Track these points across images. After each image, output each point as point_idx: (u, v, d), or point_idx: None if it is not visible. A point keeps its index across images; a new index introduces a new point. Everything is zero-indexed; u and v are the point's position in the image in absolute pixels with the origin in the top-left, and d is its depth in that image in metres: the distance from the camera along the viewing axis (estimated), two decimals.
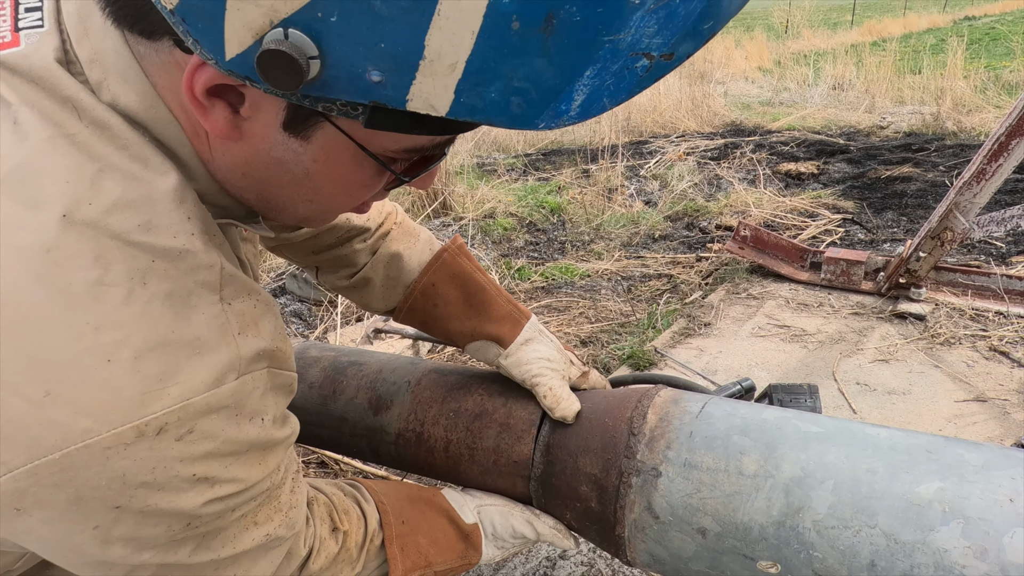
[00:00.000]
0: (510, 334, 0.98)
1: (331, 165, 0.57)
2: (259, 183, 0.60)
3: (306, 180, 0.58)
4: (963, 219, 2.26)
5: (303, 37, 0.43)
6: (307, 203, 0.62)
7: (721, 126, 6.47)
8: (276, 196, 0.61)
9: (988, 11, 18.44)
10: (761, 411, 0.86)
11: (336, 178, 0.59)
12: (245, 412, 0.58)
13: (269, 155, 0.56)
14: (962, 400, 1.97)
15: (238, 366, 0.56)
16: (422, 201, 3.94)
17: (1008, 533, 0.65)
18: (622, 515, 0.84)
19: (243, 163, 0.57)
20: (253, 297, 0.60)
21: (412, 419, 1.01)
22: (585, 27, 0.40)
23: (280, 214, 0.66)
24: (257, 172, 0.58)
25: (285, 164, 0.57)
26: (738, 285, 2.89)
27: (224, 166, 0.58)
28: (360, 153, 0.55)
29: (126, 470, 0.50)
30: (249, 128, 0.53)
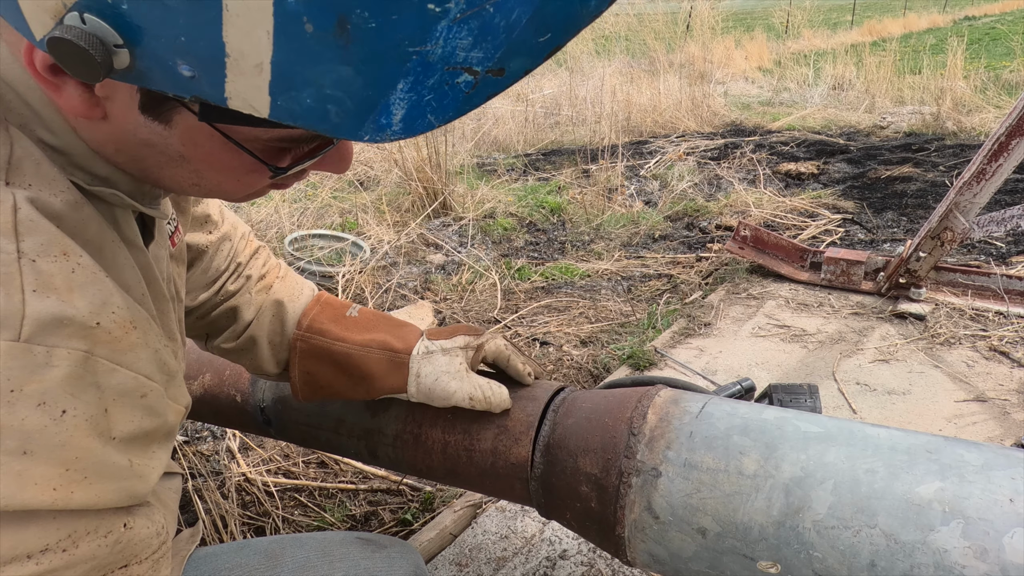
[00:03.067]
0: (400, 381, 0.92)
1: (200, 150, 0.52)
2: (135, 160, 0.54)
3: (183, 163, 0.53)
4: (963, 219, 2.26)
5: (101, 24, 0.40)
6: (194, 186, 0.57)
7: (721, 126, 6.47)
8: (158, 176, 0.56)
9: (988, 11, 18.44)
10: (761, 411, 0.86)
11: (212, 163, 0.53)
12: (25, 393, 0.43)
13: (136, 136, 0.51)
14: (962, 400, 1.97)
15: (15, 326, 0.44)
16: (422, 201, 3.94)
17: (1008, 533, 0.65)
18: (622, 515, 0.84)
19: (113, 140, 0.52)
20: (73, 259, 0.48)
21: (410, 420, 1.01)
22: (383, 35, 0.38)
23: (178, 192, 0.60)
24: (131, 151, 0.53)
25: (155, 146, 0.52)
26: (738, 285, 2.89)
27: (94, 140, 0.53)
28: (211, 138, 0.50)
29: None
30: (110, 108, 0.49)
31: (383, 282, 3.08)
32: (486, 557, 1.50)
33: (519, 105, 6.62)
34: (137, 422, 0.51)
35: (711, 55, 8.21)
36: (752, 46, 10.54)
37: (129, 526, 0.51)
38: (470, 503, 1.64)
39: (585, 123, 6.29)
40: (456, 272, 3.22)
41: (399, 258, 3.37)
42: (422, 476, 1.06)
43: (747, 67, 9.74)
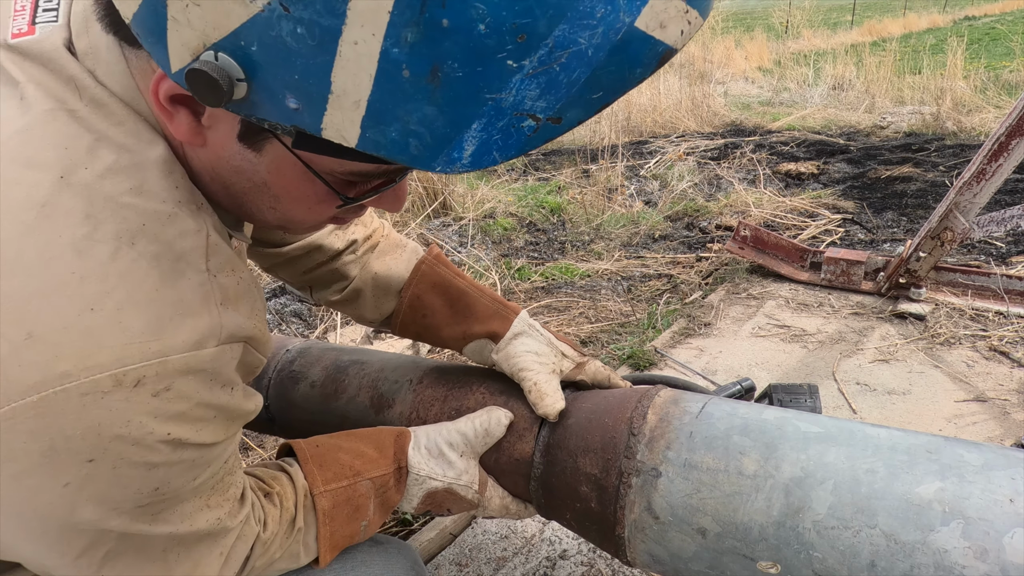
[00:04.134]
0: (500, 330, 0.99)
1: (283, 178, 0.60)
2: (225, 187, 0.63)
3: (265, 189, 0.62)
4: (963, 219, 2.26)
5: (230, 61, 0.47)
6: (271, 210, 0.65)
7: (721, 126, 6.47)
8: (242, 201, 0.64)
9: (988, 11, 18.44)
10: (761, 411, 0.86)
11: (291, 191, 0.62)
12: (219, 379, 0.59)
13: (229, 163, 0.59)
14: (962, 400, 1.97)
15: (218, 334, 0.58)
16: (422, 201, 3.94)
17: (1008, 533, 0.65)
18: (622, 515, 0.84)
19: (210, 168, 0.61)
20: (237, 274, 0.62)
21: (414, 417, 1.01)
22: (467, 82, 0.44)
23: (252, 219, 0.68)
24: (222, 178, 0.62)
25: (244, 173, 0.60)
26: (738, 285, 2.89)
27: (194, 168, 0.62)
28: (295, 168, 0.59)
29: (101, 420, 0.51)
30: (211, 136, 0.57)
31: None
32: (486, 557, 1.50)
33: None
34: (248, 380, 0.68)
35: (711, 55, 8.21)
36: (752, 46, 10.54)
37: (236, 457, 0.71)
38: None
39: (585, 123, 6.28)
40: None
41: None
42: None
43: (747, 67, 9.74)
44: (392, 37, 0.43)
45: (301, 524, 0.79)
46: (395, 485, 0.87)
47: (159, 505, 0.59)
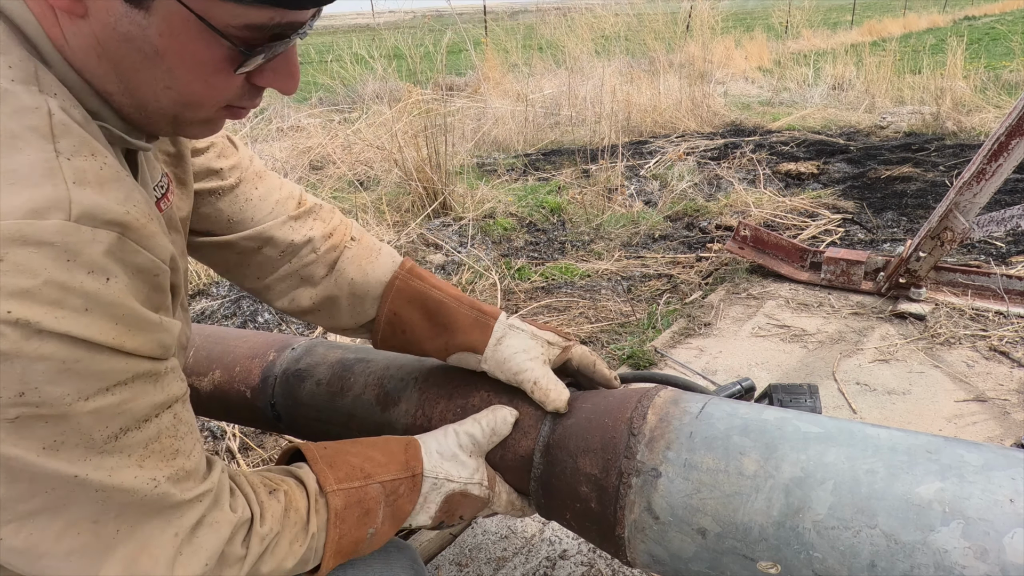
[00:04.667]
0: (481, 339, 0.97)
1: (177, 40, 0.56)
2: (115, 67, 0.58)
3: (158, 60, 0.57)
4: (963, 219, 2.26)
5: None
6: (166, 91, 0.60)
7: (721, 126, 6.47)
8: (135, 83, 0.60)
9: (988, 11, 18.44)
10: (761, 411, 0.86)
11: (186, 57, 0.58)
12: (81, 261, 0.51)
13: (116, 31, 0.55)
14: (962, 400, 1.97)
15: (66, 208, 0.51)
16: (422, 201, 3.94)
17: (1008, 533, 0.65)
18: (622, 515, 0.84)
19: (95, 43, 0.57)
20: (100, 159, 0.56)
21: (420, 415, 1.02)
22: None
23: (145, 110, 0.63)
24: (110, 53, 0.57)
25: (133, 40, 0.56)
26: (738, 285, 2.89)
27: (79, 48, 0.57)
28: (201, 31, 0.56)
29: None
30: (92, 3, 0.54)
31: None
32: (486, 557, 1.50)
33: (519, 105, 6.62)
34: (154, 294, 0.60)
35: (711, 55, 8.21)
36: (752, 46, 10.54)
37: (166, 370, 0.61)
38: None
39: (585, 123, 6.29)
40: (456, 272, 3.22)
41: None
42: None
43: (747, 67, 9.74)
44: None
45: (315, 529, 0.75)
46: (407, 493, 0.84)
47: (39, 424, 0.51)
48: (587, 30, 7.60)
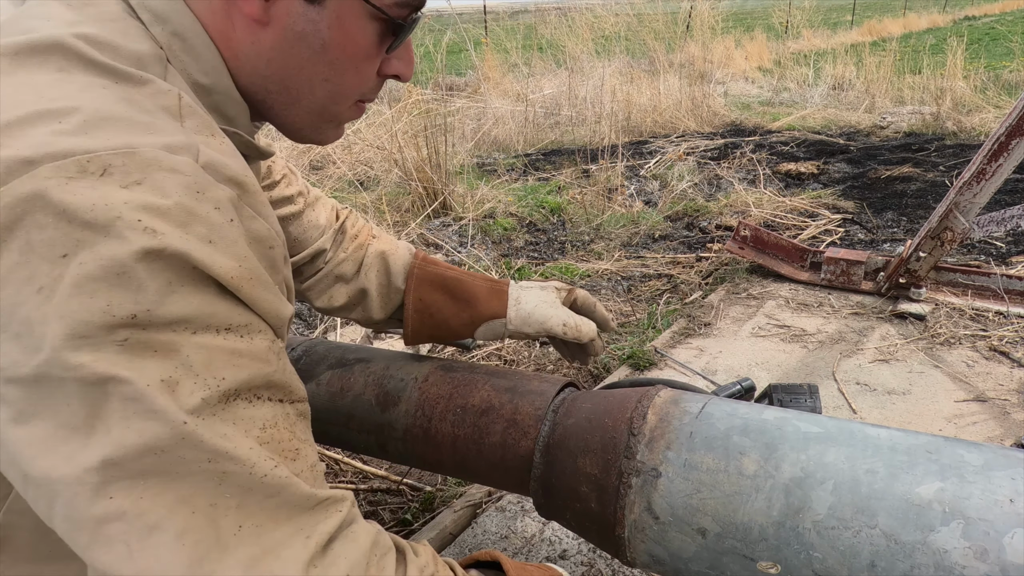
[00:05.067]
0: (501, 305, 1.07)
1: (342, 30, 0.64)
2: (283, 68, 0.66)
3: (323, 53, 0.65)
4: (963, 219, 2.26)
5: None
6: (324, 83, 0.68)
7: (721, 126, 6.46)
8: (296, 80, 0.67)
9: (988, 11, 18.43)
10: (761, 411, 0.86)
11: (347, 45, 0.65)
12: (208, 196, 0.52)
13: (292, 30, 0.63)
14: (962, 400, 1.97)
15: (195, 154, 0.54)
16: (422, 201, 3.94)
17: (1008, 533, 0.65)
18: (622, 516, 0.84)
19: (269, 48, 0.64)
20: (219, 139, 0.60)
21: (419, 415, 1.02)
22: None
23: (297, 108, 0.70)
24: (282, 55, 0.65)
25: (306, 38, 0.64)
26: (738, 285, 2.89)
27: (251, 56, 0.65)
28: (365, 16, 0.64)
29: (67, 204, 0.47)
30: (275, 10, 0.62)
31: None
32: None
33: (519, 105, 6.62)
34: (270, 270, 0.59)
35: (711, 55, 8.21)
36: (752, 46, 10.54)
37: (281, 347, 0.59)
38: (470, 503, 1.64)
39: (585, 123, 6.29)
40: None
41: None
42: (432, 470, 1.07)
43: (747, 67, 9.73)
44: None
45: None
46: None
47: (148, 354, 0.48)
48: (587, 30, 7.60)
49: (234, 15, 0.63)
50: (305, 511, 0.54)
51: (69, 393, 0.46)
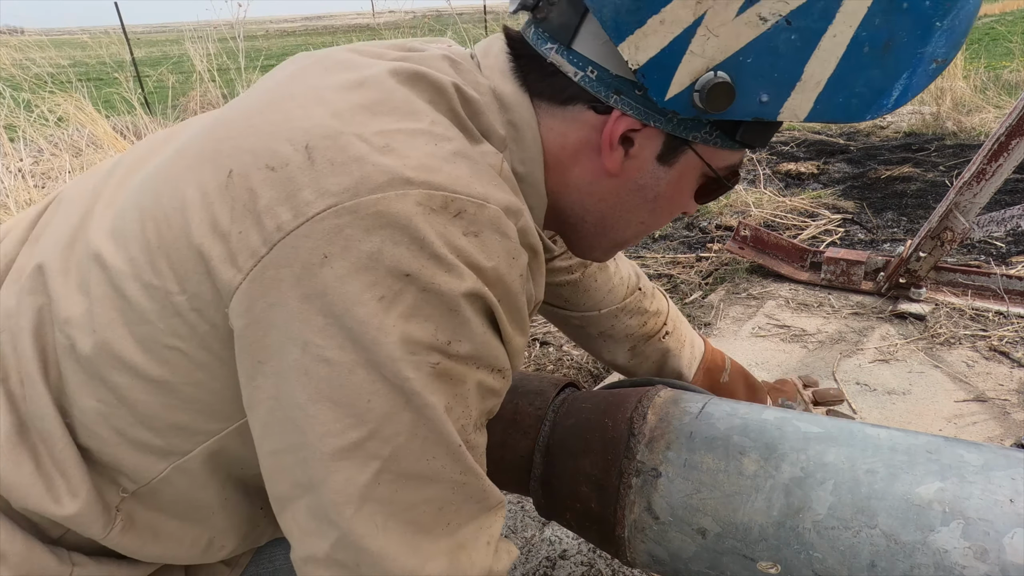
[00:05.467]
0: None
1: (677, 186, 0.71)
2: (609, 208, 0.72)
3: (653, 203, 0.72)
4: (963, 219, 2.26)
5: (724, 75, 0.58)
6: (639, 224, 0.75)
7: None
8: (614, 217, 0.74)
9: (988, 11, 18.43)
10: (761, 411, 0.86)
11: (675, 198, 0.72)
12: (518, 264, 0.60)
13: (636, 183, 0.70)
14: (962, 400, 1.97)
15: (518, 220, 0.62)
16: None
17: (1008, 533, 0.65)
18: (622, 516, 0.84)
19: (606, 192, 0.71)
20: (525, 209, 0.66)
21: None
22: (908, 45, 0.57)
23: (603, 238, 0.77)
24: (615, 199, 0.71)
25: (644, 190, 0.70)
26: (738, 285, 2.89)
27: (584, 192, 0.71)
28: (695, 174, 0.70)
29: (425, 235, 0.53)
30: (629, 165, 0.68)
31: None
32: None
33: None
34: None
35: None
36: None
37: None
38: None
39: None
40: None
41: None
42: None
43: None
44: (865, 25, 0.55)
45: None
46: None
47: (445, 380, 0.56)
48: None
49: (585, 156, 0.68)
50: (489, 510, 0.63)
51: (376, 392, 0.53)
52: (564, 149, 0.68)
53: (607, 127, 0.65)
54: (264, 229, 0.53)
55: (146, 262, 0.58)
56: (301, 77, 0.65)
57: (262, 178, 0.55)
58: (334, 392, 0.53)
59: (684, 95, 0.60)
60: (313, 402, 0.53)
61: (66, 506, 0.61)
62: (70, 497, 0.61)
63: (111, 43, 10.44)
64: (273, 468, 0.57)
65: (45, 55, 7.57)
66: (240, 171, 0.56)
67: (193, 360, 0.59)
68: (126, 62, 9.04)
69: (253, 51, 8.34)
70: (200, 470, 0.64)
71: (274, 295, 0.53)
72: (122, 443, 0.62)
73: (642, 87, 0.62)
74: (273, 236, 0.53)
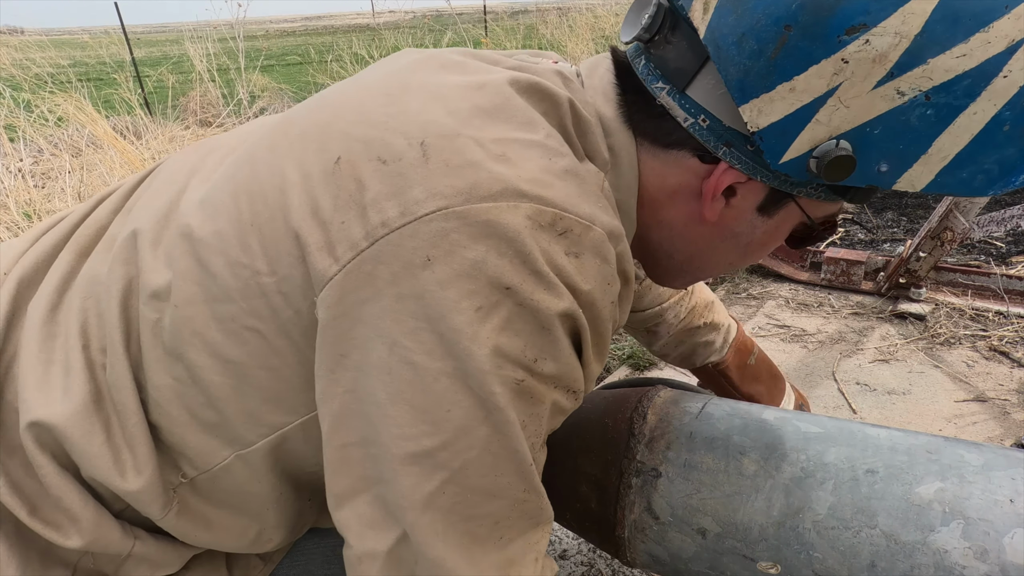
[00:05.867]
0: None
1: (773, 235, 0.68)
2: (700, 250, 0.70)
3: (745, 248, 0.69)
4: (963, 219, 2.26)
5: (846, 144, 0.55)
6: (727, 264, 0.73)
7: None
8: (703, 260, 0.72)
9: None
10: (761, 411, 0.86)
11: (767, 244, 0.70)
12: (610, 289, 0.59)
13: (731, 230, 0.67)
14: (962, 400, 1.97)
15: (618, 246, 0.60)
16: None
17: (1008, 534, 0.65)
18: (622, 516, 0.84)
19: (699, 237, 0.68)
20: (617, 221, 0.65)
21: None
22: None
23: (683, 274, 0.75)
24: (706, 243, 0.69)
25: (739, 237, 0.68)
26: (738, 285, 2.89)
27: (676, 233, 0.69)
28: (792, 223, 0.67)
29: (530, 251, 0.52)
30: (726, 213, 0.65)
31: None
32: None
33: None
34: None
35: None
36: None
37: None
38: None
39: None
40: None
41: None
42: None
43: None
44: (1011, 104, 0.51)
45: None
46: None
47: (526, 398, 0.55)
48: (587, 30, 7.60)
49: (682, 200, 0.66)
50: (538, 526, 0.62)
51: (458, 403, 0.52)
52: (661, 190, 0.66)
53: (712, 178, 0.63)
54: (368, 222, 0.52)
55: (235, 237, 0.57)
56: (416, 70, 0.63)
57: (372, 169, 0.53)
58: (415, 396, 0.52)
59: (800, 160, 0.57)
60: (392, 402, 0.52)
61: (131, 481, 0.60)
62: (135, 473, 0.60)
63: (111, 43, 10.45)
64: (339, 461, 0.56)
65: (45, 55, 7.57)
66: (349, 159, 0.54)
67: (271, 345, 0.57)
68: (126, 62, 9.04)
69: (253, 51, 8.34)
70: (261, 463, 0.64)
71: (368, 290, 0.51)
72: (191, 424, 0.61)
73: (755, 144, 0.59)
74: (377, 231, 0.51)
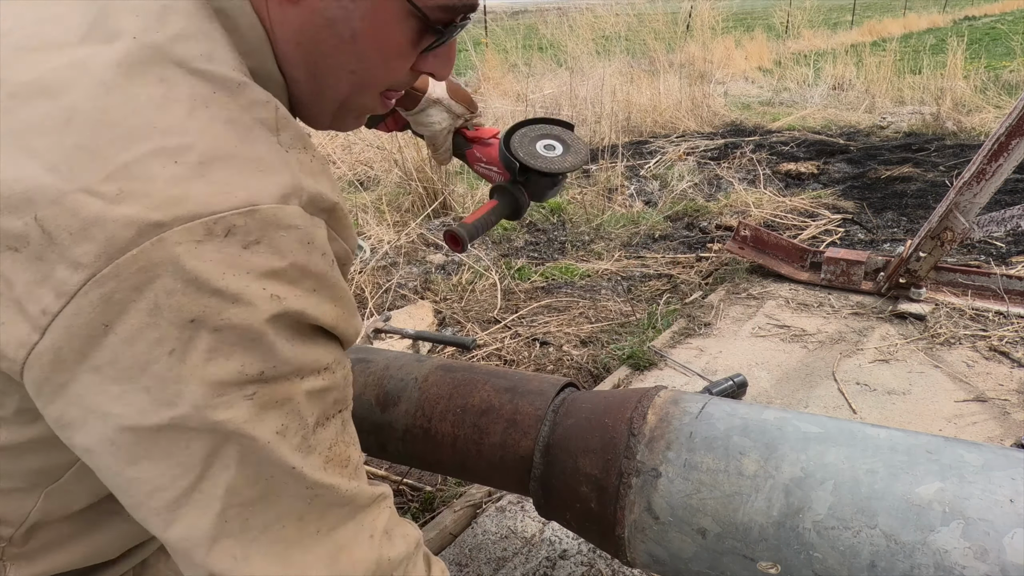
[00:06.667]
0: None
1: (376, 23, 0.62)
2: (310, 53, 0.63)
3: (352, 44, 0.62)
4: (963, 219, 2.26)
5: None
6: (350, 74, 0.66)
7: (721, 126, 6.47)
8: (323, 68, 0.65)
9: (988, 11, 18.44)
10: (761, 411, 0.86)
11: (379, 39, 0.63)
12: (316, 245, 0.56)
13: (323, 15, 0.61)
14: (962, 400, 1.97)
15: (300, 195, 0.56)
16: (422, 201, 3.94)
17: (1008, 533, 0.65)
18: (622, 516, 0.84)
19: (298, 30, 0.62)
20: (309, 152, 0.60)
21: (419, 415, 1.02)
22: None
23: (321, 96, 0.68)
24: (309, 38, 0.62)
25: (336, 24, 0.61)
26: (738, 285, 2.89)
27: (282, 35, 0.62)
28: (401, 12, 0.61)
29: (199, 273, 0.49)
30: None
31: (383, 282, 3.08)
32: (486, 557, 1.50)
33: (519, 105, 6.61)
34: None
35: (711, 55, 8.20)
36: (752, 46, 10.54)
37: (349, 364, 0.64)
38: (470, 503, 1.64)
39: (585, 123, 6.28)
40: (456, 272, 3.22)
41: (399, 258, 3.37)
42: (431, 470, 1.07)
43: (747, 67, 9.73)
44: None
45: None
46: None
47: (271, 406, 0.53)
48: (587, 30, 7.59)
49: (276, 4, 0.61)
50: (363, 508, 0.61)
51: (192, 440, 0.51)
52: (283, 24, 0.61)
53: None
54: (30, 316, 0.49)
55: None
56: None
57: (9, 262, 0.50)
58: (149, 452, 0.51)
59: None
60: (131, 466, 0.52)
61: None
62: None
63: None
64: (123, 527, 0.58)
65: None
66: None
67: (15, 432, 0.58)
68: None
69: None
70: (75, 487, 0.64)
71: (63, 375, 0.50)
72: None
73: None
74: (41, 321, 0.49)
